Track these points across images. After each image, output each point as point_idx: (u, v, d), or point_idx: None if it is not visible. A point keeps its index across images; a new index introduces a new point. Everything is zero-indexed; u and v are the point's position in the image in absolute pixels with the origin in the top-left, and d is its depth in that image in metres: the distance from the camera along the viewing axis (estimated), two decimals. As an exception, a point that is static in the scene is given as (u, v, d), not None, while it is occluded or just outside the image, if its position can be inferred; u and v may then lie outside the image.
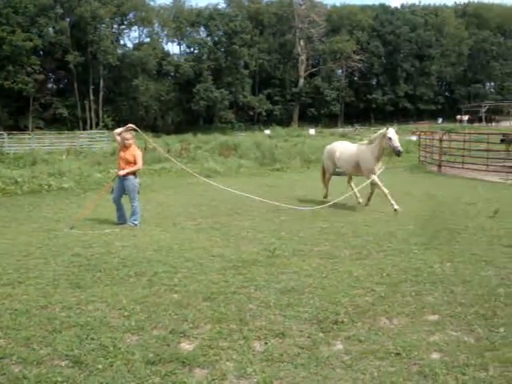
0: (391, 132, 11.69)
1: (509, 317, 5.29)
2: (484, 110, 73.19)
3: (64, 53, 69.03)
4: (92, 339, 4.80)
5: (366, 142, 12.85)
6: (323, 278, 6.66)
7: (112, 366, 4.30)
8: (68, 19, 70.60)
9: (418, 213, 11.51)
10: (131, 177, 10.60)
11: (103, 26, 71.23)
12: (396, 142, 11.57)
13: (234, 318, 5.34)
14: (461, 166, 22.45)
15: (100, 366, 4.28)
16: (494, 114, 75.42)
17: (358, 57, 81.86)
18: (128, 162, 10.57)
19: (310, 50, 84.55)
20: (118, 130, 10.95)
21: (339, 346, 4.71)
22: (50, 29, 69.83)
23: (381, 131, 12.16)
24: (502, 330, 4.97)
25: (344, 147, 13.44)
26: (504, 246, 8.30)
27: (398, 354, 4.51)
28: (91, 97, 71.10)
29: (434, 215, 11.26)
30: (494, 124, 68.08)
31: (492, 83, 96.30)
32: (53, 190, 15.95)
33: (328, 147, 14.11)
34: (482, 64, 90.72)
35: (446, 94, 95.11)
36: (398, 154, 11.71)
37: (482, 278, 6.59)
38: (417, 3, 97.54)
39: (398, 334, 4.93)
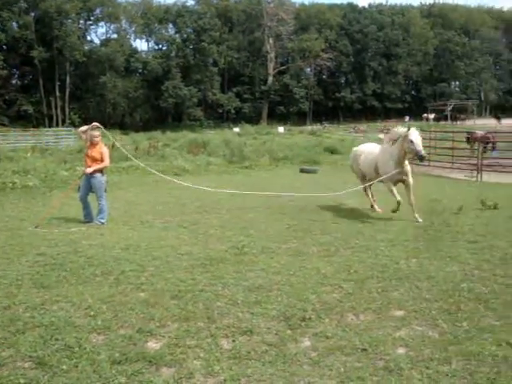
0: (413, 134, 10.25)
1: (472, 311, 5.40)
2: (449, 108, 74.54)
3: (28, 48, 67.72)
4: (56, 340, 4.72)
5: (386, 142, 11.32)
6: (291, 276, 6.69)
7: (77, 366, 4.23)
8: (32, 14, 69.22)
9: (385, 210, 11.63)
10: (98, 174, 10.48)
11: (69, 21, 70.11)
12: (419, 146, 10.18)
13: (202, 316, 5.31)
14: (427, 164, 22.81)
15: (65, 367, 4.20)
16: (459, 112, 76.88)
17: (326, 55, 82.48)
18: (95, 160, 10.45)
19: (278, 47, 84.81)
20: (83, 128, 10.81)
21: (307, 343, 4.73)
22: (14, 23, 68.35)
23: (401, 131, 10.71)
24: (465, 324, 5.06)
25: (369, 149, 12.03)
26: (468, 242, 8.47)
27: (364, 349, 4.55)
28: (57, 93, 69.92)
29: (399, 212, 11.39)
30: (459, 122, 69.40)
31: (457, 82, 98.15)
32: (17, 188, 15.60)
33: (354, 149, 12.87)
34: (447, 63, 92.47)
35: (413, 92, 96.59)
36: (421, 158, 10.42)
37: (446, 274, 6.71)
38: (384, 3, 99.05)
39: (364, 330, 4.98)
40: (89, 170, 10.39)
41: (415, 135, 10.24)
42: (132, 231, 9.64)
